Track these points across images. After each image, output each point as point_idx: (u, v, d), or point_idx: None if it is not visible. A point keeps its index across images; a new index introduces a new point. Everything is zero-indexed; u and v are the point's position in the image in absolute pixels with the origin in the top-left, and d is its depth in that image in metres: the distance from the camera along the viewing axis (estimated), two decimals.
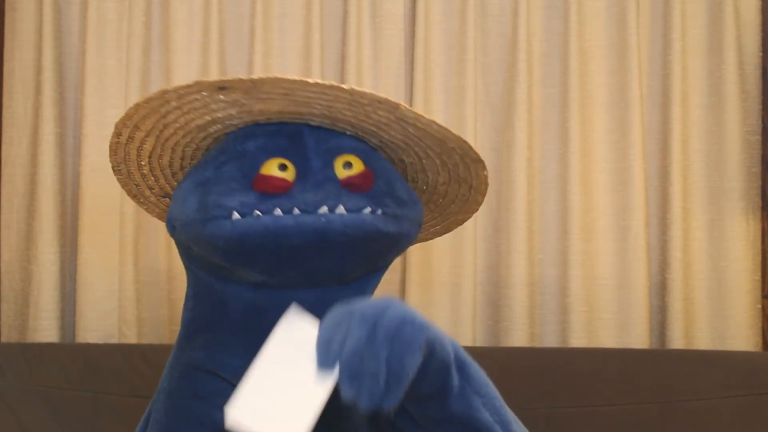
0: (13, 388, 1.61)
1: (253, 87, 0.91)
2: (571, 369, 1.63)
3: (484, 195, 1.10)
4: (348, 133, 1.00)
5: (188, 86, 0.91)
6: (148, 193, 1.12)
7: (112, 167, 1.07)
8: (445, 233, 1.23)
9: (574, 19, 1.83)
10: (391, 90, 1.86)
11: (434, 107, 1.85)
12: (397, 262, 1.85)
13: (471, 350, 1.60)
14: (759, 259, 1.82)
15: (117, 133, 0.99)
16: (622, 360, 1.64)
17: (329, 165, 0.96)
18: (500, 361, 1.65)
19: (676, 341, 1.79)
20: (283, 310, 0.97)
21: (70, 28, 1.88)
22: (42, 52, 1.83)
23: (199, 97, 0.93)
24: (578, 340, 1.80)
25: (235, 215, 0.92)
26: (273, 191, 0.93)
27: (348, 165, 0.97)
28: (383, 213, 0.96)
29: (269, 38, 1.86)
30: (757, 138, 1.84)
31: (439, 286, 1.83)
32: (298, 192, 0.93)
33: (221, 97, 0.93)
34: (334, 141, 0.99)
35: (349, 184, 0.96)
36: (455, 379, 0.90)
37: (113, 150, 1.03)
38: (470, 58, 1.83)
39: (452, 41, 1.86)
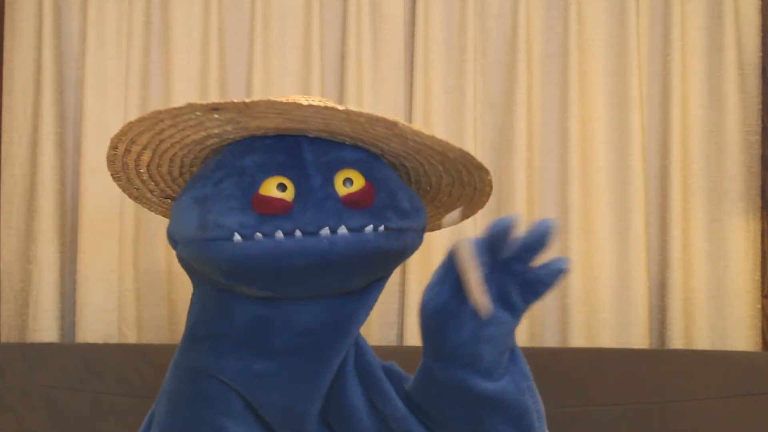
0: (13, 388, 1.61)
1: (246, 109, 0.90)
2: (571, 369, 1.63)
3: (489, 195, 1.10)
4: (348, 142, 0.99)
5: (181, 108, 0.90)
6: (149, 195, 1.12)
7: (111, 175, 1.06)
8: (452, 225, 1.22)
9: (574, 19, 1.83)
10: (390, 90, 1.86)
11: (434, 107, 1.84)
12: None
13: None
14: (759, 259, 1.82)
15: (113, 147, 0.99)
16: (622, 360, 1.64)
17: (329, 182, 0.94)
18: None
19: (676, 341, 1.79)
20: (288, 321, 0.97)
21: (70, 28, 1.88)
22: (42, 52, 1.83)
23: (193, 117, 0.93)
24: (578, 340, 1.80)
25: (237, 237, 0.91)
26: (273, 212, 0.92)
27: (348, 182, 0.95)
28: (386, 229, 0.95)
29: (269, 38, 1.86)
30: (756, 138, 1.84)
31: None
32: (299, 212, 0.92)
33: (216, 116, 0.92)
34: (334, 153, 0.97)
35: (350, 201, 0.94)
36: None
37: (110, 161, 1.02)
38: (470, 58, 1.83)
39: (452, 41, 1.86)
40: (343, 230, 0.92)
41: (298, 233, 0.90)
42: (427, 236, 1.85)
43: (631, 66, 1.81)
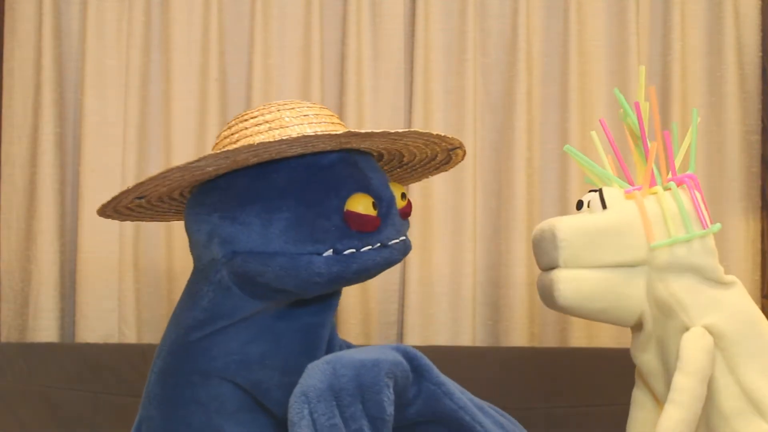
0: (13, 388, 1.61)
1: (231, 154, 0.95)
2: (571, 369, 1.63)
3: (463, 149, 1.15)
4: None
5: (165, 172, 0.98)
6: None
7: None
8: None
9: (574, 19, 1.83)
10: (390, 90, 1.86)
11: (434, 107, 1.84)
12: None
13: (471, 350, 1.60)
14: (759, 259, 1.82)
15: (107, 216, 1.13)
16: (622, 360, 1.63)
17: (394, 197, 1.05)
18: (500, 361, 1.65)
19: None
20: (293, 316, 1.04)
21: (69, 28, 1.87)
22: (42, 52, 1.83)
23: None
24: (578, 340, 1.80)
25: (328, 252, 0.97)
26: (367, 229, 0.98)
27: (403, 195, 1.05)
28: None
29: (269, 38, 1.86)
30: (756, 138, 1.84)
31: (439, 286, 1.83)
32: (383, 228, 1.01)
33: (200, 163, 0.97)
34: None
35: (405, 214, 1.06)
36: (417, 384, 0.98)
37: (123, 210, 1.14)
38: (470, 58, 1.83)
39: (452, 41, 1.86)
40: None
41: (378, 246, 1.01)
42: (427, 236, 1.85)
43: (631, 66, 1.81)
